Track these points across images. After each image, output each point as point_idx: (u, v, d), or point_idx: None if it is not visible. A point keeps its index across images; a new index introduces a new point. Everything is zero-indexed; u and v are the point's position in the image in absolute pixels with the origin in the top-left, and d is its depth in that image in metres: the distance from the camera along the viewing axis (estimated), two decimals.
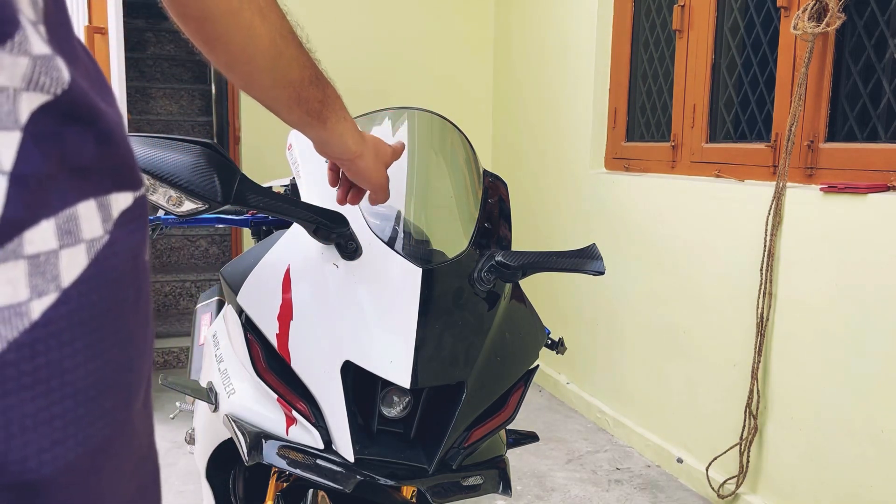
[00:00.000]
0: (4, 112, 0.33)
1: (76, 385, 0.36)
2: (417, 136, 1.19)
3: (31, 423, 0.34)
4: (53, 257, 0.35)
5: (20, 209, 0.33)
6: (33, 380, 0.34)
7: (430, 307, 0.93)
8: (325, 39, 3.62)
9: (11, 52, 0.34)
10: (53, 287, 0.35)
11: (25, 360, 0.34)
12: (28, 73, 0.34)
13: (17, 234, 0.33)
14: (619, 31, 2.92)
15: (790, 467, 2.04)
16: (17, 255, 0.33)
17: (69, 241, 0.36)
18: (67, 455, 0.35)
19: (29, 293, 0.34)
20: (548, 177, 3.35)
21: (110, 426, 0.38)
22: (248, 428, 0.94)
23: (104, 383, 0.38)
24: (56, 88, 0.36)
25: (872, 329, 1.78)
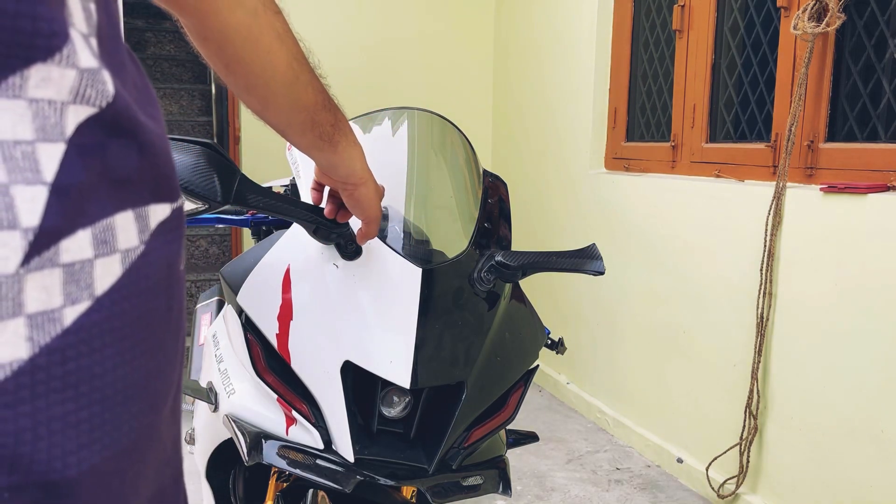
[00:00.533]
0: (51, 124, 0.34)
1: (104, 391, 0.37)
2: (417, 136, 1.19)
3: (59, 426, 0.34)
4: (88, 266, 0.36)
5: (58, 219, 0.34)
6: (63, 384, 0.35)
7: (430, 307, 0.93)
8: (325, 39, 3.62)
9: (60, 64, 0.35)
10: (87, 295, 0.36)
11: (56, 364, 0.34)
12: (75, 85, 0.35)
13: (54, 244, 0.34)
14: (619, 31, 2.92)
15: (790, 467, 2.04)
16: (53, 264, 0.34)
17: (104, 250, 0.37)
18: (92, 458, 0.36)
19: (63, 300, 0.35)
20: (548, 177, 3.35)
21: (135, 431, 0.39)
22: (248, 428, 0.94)
23: (132, 389, 0.39)
24: (101, 101, 0.37)
25: (873, 329, 1.78)
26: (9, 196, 0.32)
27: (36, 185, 0.33)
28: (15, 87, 0.33)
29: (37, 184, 0.33)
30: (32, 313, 0.33)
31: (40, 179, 0.34)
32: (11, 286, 0.32)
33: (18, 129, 0.33)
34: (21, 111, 0.33)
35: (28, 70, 0.34)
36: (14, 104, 0.33)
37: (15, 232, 0.32)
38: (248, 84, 0.73)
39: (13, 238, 0.32)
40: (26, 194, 0.33)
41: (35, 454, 0.33)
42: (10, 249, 0.32)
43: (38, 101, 0.34)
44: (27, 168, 0.33)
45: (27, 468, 0.33)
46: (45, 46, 0.34)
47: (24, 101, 0.34)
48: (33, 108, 0.34)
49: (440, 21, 3.80)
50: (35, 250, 0.33)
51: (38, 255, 0.33)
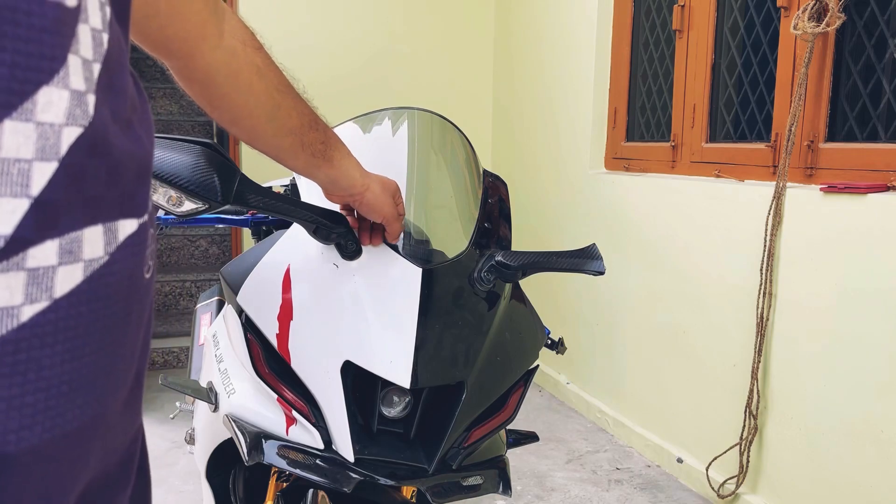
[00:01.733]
0: (50, 145, 0.39)
1: (50, 381, 0.41)
2: (417, 136, 1.19)
3: (4, 406, 0.39)
4: (51, 272, 0.40)
5: (31, 230, 0.39)
6: (11, 370, 0.39)
7: (430, 307, 0.93)
8: (325, 40, 3.62)
9: (58, 86, 0.39)
10: (46, 297, 0.40)
11: (8, 354, 0.39)
12: (68, 106, 0.40)
13: (23, 250, 0.39)
14: (619, 31, 2.92)
15: (790, 467, 2.04)
16: (20, 267, 0.39)
17: (68, 259, 0.41)
18: (32, 438, 0.40)
19: (23, 299, 0.39)
20: (548, 177, 3.35)
21: (79, 419, 0.43)
22: (248, 428, 0.94)
23: (78, 383, 0.43)
24: (84, 121, 0.41)
25: (873, 329, 1.78)
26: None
27: (21, 198, 0.38)
28: (28, 111, 0.38)
29: (22, 197, 0.38)
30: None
31: (27, 193, 0.38)
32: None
33: (22, 150, 0.38)
34: (28, 133, 0.38)
35: (37, 94, 0.38)
36: (25, 127, 0.38)
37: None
38: (232, 117, 0.79)
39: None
40: (8, 206, 0.38)
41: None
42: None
43: (43, 125, 0.39)
44: (18, 183, 0.38)
45: None
46: (49, 68, 0.39)
47: (33, 124, 0.39)
48: (38, 131, 0.39)
49: (440, 21, 3.80)
50: (3, 255, 0.38)
51: (6, 259, 0.38)
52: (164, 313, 4.01)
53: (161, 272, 4.08)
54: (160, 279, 4.01)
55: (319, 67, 3.61)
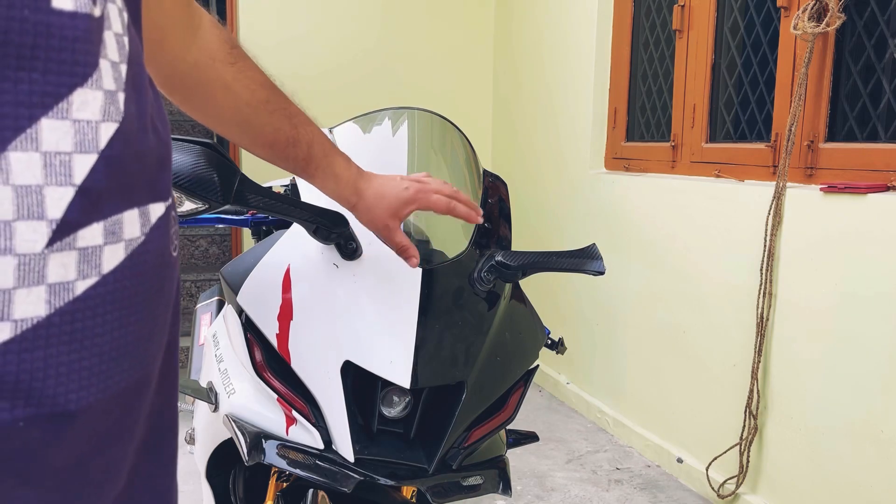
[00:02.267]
0: (88, 139, 0.44)
1: (102, 347, 0.46)
2: (417, 136, 1.19)
3: (65, 370, 0.44)
4: (98, 251, 0.46)
5: (78, 214, 0.44)
6: (70, 338, 0.44)
7: (430, 307, 0.93)
8: (325, 39, 3.62)
9: (92, 87, 0.44)
10: (95, 273, 0.46)
11: (66, 323, 0.44)
12: (102, 105, 0.45)
13: (73, 232, 0.44)
14: (619, 31, 2.92)
15: (790, 467, 2.04)
16: (71, 247, 0.44)
17: (112, 239, 0.47)
18: (89, 398, 0.45)
19: (76, 275, 0.45)
20: (548, 177, 3.35)
21: (125, 381, 0.48)
22: (248, 428, 0.94)
23: (125, 348, 0.49)
24: (118, 117, 0.46)
25: (872, 329, 1.78)
26: (41, 195, 0.42)
27: (66, 186, 0.43)
28: (63, 110, 0.43)
29: (67, 185, 0.43)
30: (52, 283, 0.43)
31: (71, 182, 0.44)
32: (38, 262, 0.43)
33: (61, 144, 0.43)
34: (66, 129, 0.43)
35: (73, 95, 0.43)
36: (62, 124, 0.43)
37: (42, 222, 0.42)
38: (201, 120, 0.82)
39: (41, 226, 0.42)
40: (56, 194, 0.43)
41: (45, 389, 0.43)
42: (38, 234, 0.42)
43: (79, 122, 0.44)
44: (62, 173, 0.43)
45: (38, 400, 0.43)
46: (82, 73, 0.44)
47: (70, 121, 0.43)
48: (75, 127, 0.44)
49: (440, 21, 3.80)
50: (57, 236, 0.43)
51: (60, 240, 0.43)
52: None
53: None
54: None
55: (319, 67, 3.61)
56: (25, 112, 0.41)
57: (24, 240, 0.41)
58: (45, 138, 0.42)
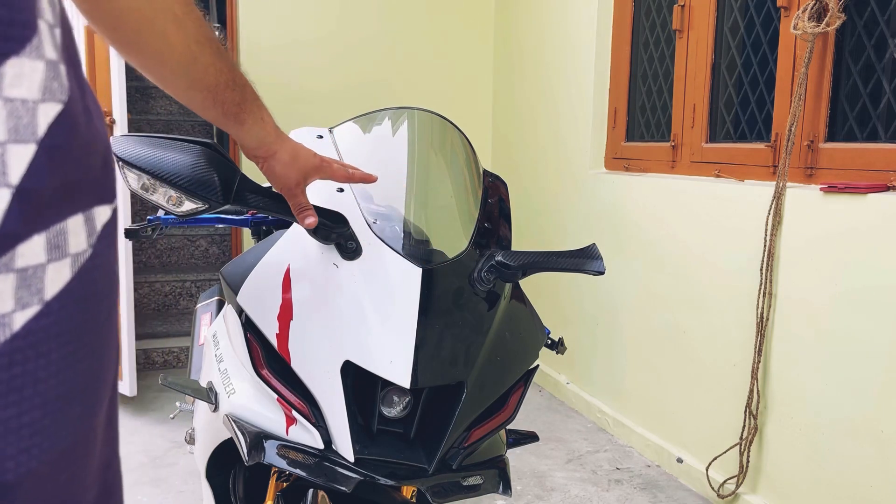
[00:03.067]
0: (24, 124, 0.34)
1: (46, 395, 0.36)
2: (417, 136, 1.19)
3: (2, 430, 0.34)
4: (41, 271, 0.35)
5: (18, 224, 0.33)
6: (8, 388, 0.34)
7: (430, 307, 0.93)
8: (324, 40, 3.62)
9: (31, 56, 0.34)
10: (37, 300, 0.35)
11: (3, 369, 0.34)
12: (43, 79, 0.34)
13: (11, 248, 0.33)
14: (619, 31, 2.92)
15: (790, 467, 2.04)
16: (8, 269, 0.33)
17: (56, 255, 0.36)
18: (30, 462, 0.35)
19: (13, 305, 0.34)
20: (548, 177, 3.35)
21: (73, 434, 0.39)
22: (248, 428, 0.94)
23: (72, 393, 0.38)
24: (63, 95, 0.36)
25: (873, 329, 1.78)
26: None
27: (1, 187, 0.33)
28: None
29: (2, 186, 0.33)
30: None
31: (5, 182, 0.33)
32: None
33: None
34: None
35: (4, 66, 0.32)
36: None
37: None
38: (142, 64, 0.72)
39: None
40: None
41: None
42: None
43: (13, 101, 0.33)
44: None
45: None
46: (20, 37, 0.33)
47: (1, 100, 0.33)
48: (8, 108, 0.33)
49: (440, 21, 3.80)
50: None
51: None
52: (164, 313, 4.01)
53: (161, 272, 4.08)
54: (160, 279, 4.01)
55: (319, 68, 3.61)
56: None
57: None
58: None
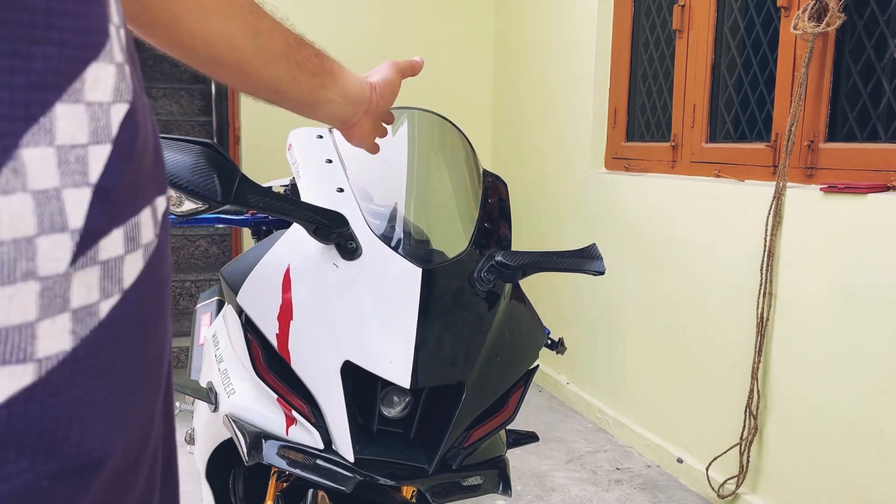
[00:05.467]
0: (101, 126, 0.36)
1: (125, 377, 0.39)
2: (418, 136, 1.19)
3: (90, 412, 0.37)
4: (119, 262, 0.38)
5: (100, 220, 0.36)
6: (95, 373, 0.37)
7: (430, 307, 0.93)
8: (324, 39, 3.61)
9: (105, 61, 0.36)
10: (117, 289, 0.38)
11: (92, 355, 0.37)
12: (114, 82, 0.37)
13: (95, 243, 0.36)
14: (619, 31, 2.92)
15: (790, 467, 2.04)
16: (94, 262, 0.36)
17: (132, 247, 0.39)
18: (114, 441, 0.39)
19: (99, 295, 0.37)
20: (548, 177, 3.35)
21: (140, 416, 0.42)
22: (248, 428, 0.94)
23: (142, 376, 0.41)
24: (129, 95, 0.38)
25: (872, 329, 1.78)
26: (60, 200, 0.34)
27: (82, 187, 0.35)
28: (77, 91, 0.35)
29: (83, 186, 0.35)
30: (76, 308, 0.36)
31: (86, 181, 0.35)
32: (62, 284, 0.35)
33: (77, 134, 0.35)
34: (81, 116, 0.35)
35: (86, 72, 0.35)
36: (76, 109, 0.35)
37: (65, 234, 0.34)
38: (212, 55, 0.68)
39: (64, 240, 0.34)
40: (74, 197, 0.35)
41: (70, 437, 0.36)
42: (61, 251, 0.34)
43: (92, 105, 0.36)
44: (77, 171, 0.35)
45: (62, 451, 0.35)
46: (97, 44, 0.35)
47: (83, 104, 0.35)
48: (89, 112, 0.35)
49: (440, 21, 3.80)
50: (80, 250, 0.35)
51: (83, 255, 0.36)
52: None
53: None
54: None
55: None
56: (39, 96, 0.33)
57: (47, 259, 0.34)
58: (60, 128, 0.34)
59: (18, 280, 0.33)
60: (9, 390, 0.33)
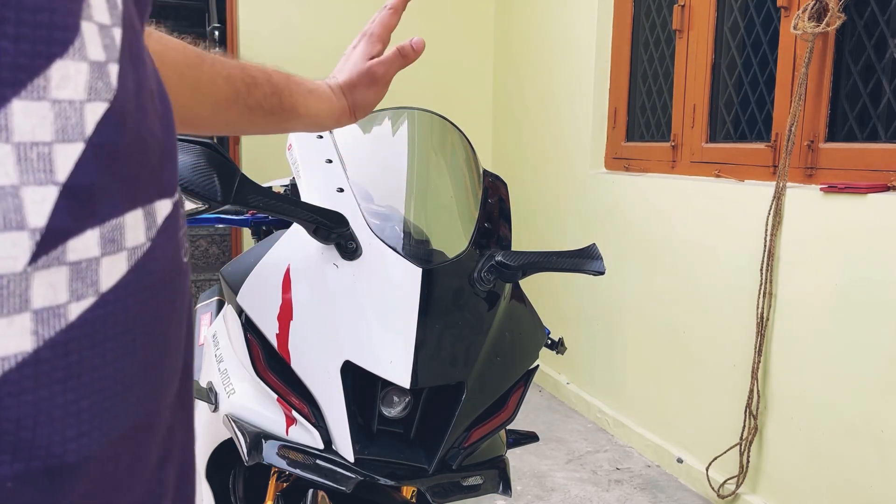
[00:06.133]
0: (72, 124, 0.36)
1: (104, 381, 0.39)
2: (417, 136, 1.19)
3: (60, 413, 0.36)
4: (95, 264, 0.38)
5: (66, 220, 0.36)
6: (65, 375, 0.36)
7: (430, 307, 0.93)
8: (324, 39, 3.62)
9: (74, 58, 0.36)
10: (92, 292, 0.38)
11: (59, 357, 0.36)
12: (88, 80, 0.37)
13: (61, 243, 0.36)
14: (619, 31, 2.92)
15: (790, 467, 2.04)
16: (60, 262, 0.36)
17: (111, 249, 0.38)
18: (91, 445, 0.38)
19: (68, 296, 0.36)
20: (548, 177, 3.35)
21: (132, 419, 0.41)
22: (248, 428, 0.94)
23: (131, 380, 0.41)
24: (109, 94, 0.38)
25: (872, 329, 1.78)
26: (18, 198, 0.34)
27: (47, 185, 0.35)
28: (40, 88, 0.34)
29: (48, 184, 0.35)
30: (38, 308, 0.35)
31: (52, 180, 0.35)
32: (19, 283, 0.34)
33: (38, 132, 0.34)
34: (44, 113, 0.35)
35: (50, 69, 0.35)
36: (38, 106, 0.34)
37: (23, 233, 0.34)
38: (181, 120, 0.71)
39: (21, 238, 0.34)
40: (36, 195, 0.34)
41: (36, 439, 0.35)
42: (18, 249, 0.34)
43: (60, 102, 0.35)
44: (41, 169, 0.35)
45: (28, 452, 0.35)
46: (62, 39, 0.35)
47: (48, 101, 0.35)
48: (55, 110, 0.35)
49: (440, 21, 3.80)
50: (42, 250, 0.35)
51: (45, 255, 0.35)
52: None
53: None
54: None
55: (318, 69, 3.60)
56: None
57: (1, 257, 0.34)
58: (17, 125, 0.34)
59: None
60: None
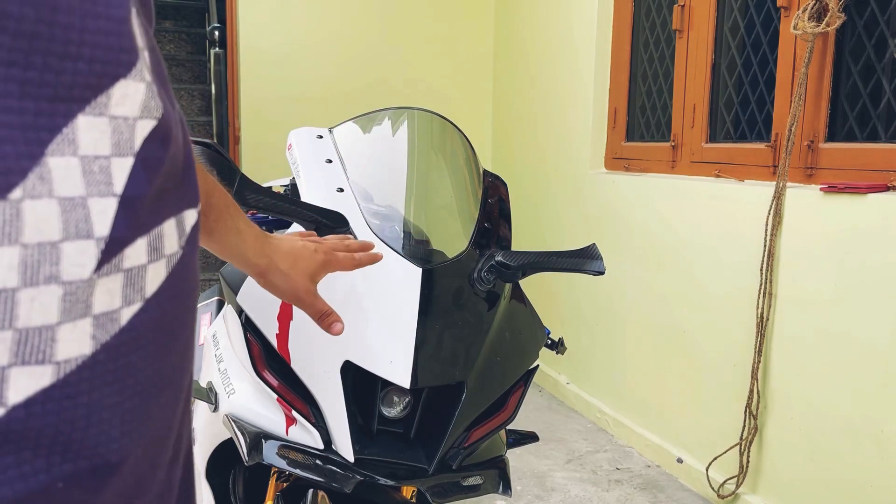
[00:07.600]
0: (124, 140, 0.38)
1: (144, 383, 0.41)
2: (417, 136, 1.19)
3: (108, 415, 0.38)
4: (142, 271, 0.40)
5: (124, 229, 0.38)
6: (114, 377, 0.38)
7: (429, 307, 0.93)
8: (324, 39, 3.62)
9: (135, 79, 0.39)
10: (139, 297, 0.40)
11: (111, 360, 0.38)
12: (143, 99, 0.39)
13: (120, 251, 0.38)
14: (619, 31, 2.92)
15: (790, 467, 2.04)
16: (118, 269, 0.38)
17: (155, 256, 0.41)
18: (131, 445, 0.40)
19: (121, 302, 0.39)
20: (548, 177, 3.35)
21: (162, 420, 0.43)
22: (248, 428, 0.94)
23: (163, 382, 0.43)
24: (157, 112, 0.41)
25: (872, 329, 1.78)
26: (86, 208, 0.36)
27: (108, 196, 0.37)
28: (101, 105, 0.37)
29: (108, 196, 0.37)
30: (97, 314, 0.37)
31: (111, 192, 0.38)
32: (85, 290, 0.36)
33: (100, 146, 0.37)
34: (104, 128, 0.37)
35: (113, 88, 0.37)
36: (99, 121, 0.37)
37: (90, 241, 0.36)
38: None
39: (89, 247, 0.36)
40: (99, 206, 0.37)
41: (86, 440, 0.37)
42: (86, 257, 0.36)
43: (117, 119, 0.38)
44: (102, 181, 0.37)
45: (77, 453, 0.37)
46: (127, 62, 0.38)
47: (107, 118, 0.37)
48: (112, 125, 0.38)
49: (440, 21, 3.80)
50: (105, 258, 0.37)
51: (108, 262, 0.37)
52: None
53: None
54: None
55: (319, 69, 3.61)
56: (63, 108, 0.35)
57: (71, 264, 0.35)
58: (82, 140, 0.36)
59: (41, 283, 0.34)
60: (28, 391, 0.34)
